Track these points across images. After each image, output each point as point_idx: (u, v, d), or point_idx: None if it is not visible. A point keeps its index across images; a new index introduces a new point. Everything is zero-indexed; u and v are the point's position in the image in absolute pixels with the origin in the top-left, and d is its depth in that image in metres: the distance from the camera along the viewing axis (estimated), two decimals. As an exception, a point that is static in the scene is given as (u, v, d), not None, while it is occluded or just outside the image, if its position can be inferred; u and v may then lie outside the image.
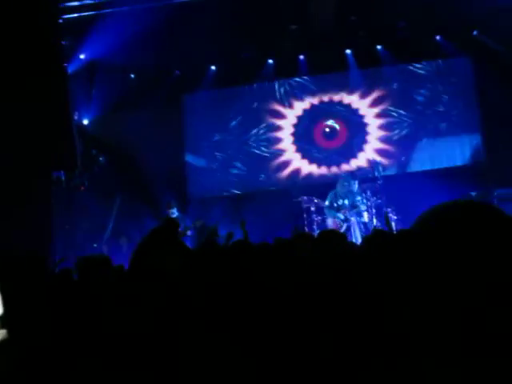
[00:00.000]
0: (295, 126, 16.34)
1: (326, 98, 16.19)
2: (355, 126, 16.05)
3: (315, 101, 16.24)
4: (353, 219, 12.95)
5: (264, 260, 3.84)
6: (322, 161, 16.07)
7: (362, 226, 12.92)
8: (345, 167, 15.61)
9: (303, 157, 16.16)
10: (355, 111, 16.11)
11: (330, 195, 13.19)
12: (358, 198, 13.05)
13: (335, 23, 14.63)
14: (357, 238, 12.34)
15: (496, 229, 1.23)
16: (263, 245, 4.49)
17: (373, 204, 13.10)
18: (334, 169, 15.76)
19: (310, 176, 15.76)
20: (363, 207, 12.89)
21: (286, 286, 3.16)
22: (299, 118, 16.34)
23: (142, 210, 14.30)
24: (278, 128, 16.28)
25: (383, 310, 2.62)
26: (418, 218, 1.34)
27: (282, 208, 14.35)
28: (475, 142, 15.64)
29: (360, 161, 15.45)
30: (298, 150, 16.23)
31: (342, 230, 12.79)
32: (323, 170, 15.94)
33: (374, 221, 12.98)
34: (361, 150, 15.86)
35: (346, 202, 13.02)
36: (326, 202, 13.15)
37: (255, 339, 2.53)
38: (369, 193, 13.21)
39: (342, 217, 12.93)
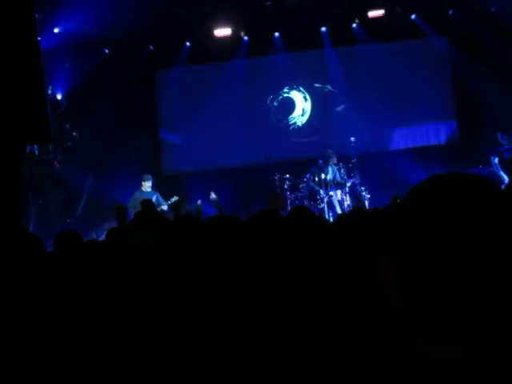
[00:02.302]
0: (269, 102, 16.43)
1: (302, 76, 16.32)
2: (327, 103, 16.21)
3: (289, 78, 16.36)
4: (333, 195, 13.02)
5: (238, 234, 3.86)
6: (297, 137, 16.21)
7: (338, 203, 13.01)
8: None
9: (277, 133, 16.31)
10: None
11: (312, 169, 13.22)
12: (338, 173, 13.14)
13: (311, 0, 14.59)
14: (337, 213, 12.42)
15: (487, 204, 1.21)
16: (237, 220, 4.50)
17: (347, 182, 13.18)
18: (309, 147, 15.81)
19: (283, 153, 15.77)
20: (348, 183, 12.97)
21: (261, 261, 3.18)
22: (272, 94, 16.47)
23: (115, 185, 14.26)
24: (253, 105, 16.32)
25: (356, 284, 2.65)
26: (407, 193, 1.30)
27: (255, 185, 14.37)
28: (449, 122, 15.76)
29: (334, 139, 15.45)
30: (272, 126, 16.35)
31: (323, 205, 12.87)
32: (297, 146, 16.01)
33: (348, 199, 13.06)
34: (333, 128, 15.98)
35: (329, 176, 13.08)
36: (308, 175, 13.18)
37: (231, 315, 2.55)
38: (343, 171, 13.28)
39: (322, 193, 12.98)
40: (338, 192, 13.13)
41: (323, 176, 13.07)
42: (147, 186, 12.92)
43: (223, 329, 2.46)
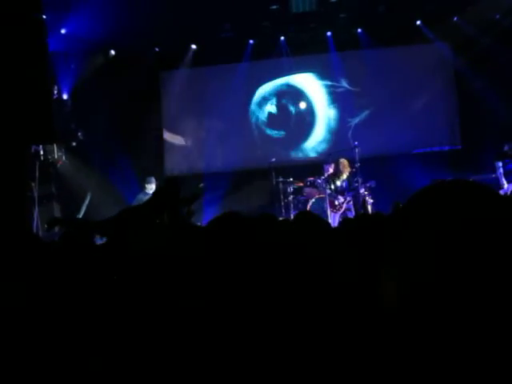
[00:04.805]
0: (273, 107, 16.50)
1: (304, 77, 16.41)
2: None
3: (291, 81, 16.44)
4: (351, 200, 13.02)
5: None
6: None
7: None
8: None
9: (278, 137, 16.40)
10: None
11: (328, 177, 13.19)
12: (353, 180, 13.13)
13: (316, 4, 14.62)
14: None
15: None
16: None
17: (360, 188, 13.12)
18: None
19: (286, 157, 15.80)
20: (361, 190, 12.92)
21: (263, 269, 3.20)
22: (275, 98, 16.53)
23: (119, 185, 14.31)
24: (257, 109, 16.41)
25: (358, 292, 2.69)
26: (409, 199, 1.29)
27: (259, 189, 14.41)
28: (452, 128, 15.77)
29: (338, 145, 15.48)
30: (274, 131, 16.41)
31: (341, 211, 12.86)
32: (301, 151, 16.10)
33: (351, 203, 13.07)
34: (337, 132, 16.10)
35: (344, 184, 13.09)
36: (324, 184, 13.15)
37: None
38: (357, 177, 13.28)
39: (341, 199, 12.97)
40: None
41: (338, 183, 13.07)
42: (150, 188, 12.96)
43: (225, 332, 2.49)
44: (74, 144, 14.97)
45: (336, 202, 12.93)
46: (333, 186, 13.08)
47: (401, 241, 1.24)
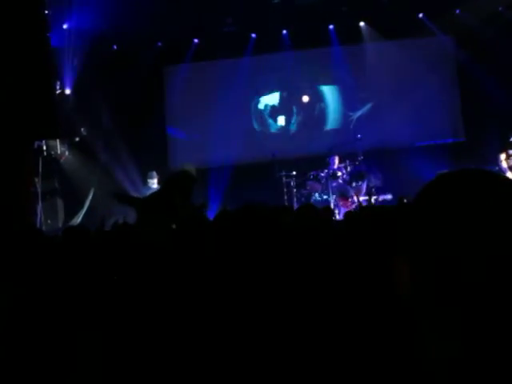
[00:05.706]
0: (276, 101, 16.49)
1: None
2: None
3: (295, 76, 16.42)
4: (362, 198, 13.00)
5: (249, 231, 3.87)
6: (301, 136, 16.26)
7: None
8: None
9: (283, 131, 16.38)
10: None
11: (350, 173, 13.18)
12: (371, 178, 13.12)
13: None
14: None
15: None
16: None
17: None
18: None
19: (289, 151, 15.78)
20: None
21: (270, 258, 3.20)
22: (280, 93, 16.52)
23: (123, 180, 14.32)
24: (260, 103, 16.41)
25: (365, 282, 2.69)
26: (420, 191, 1.27)
27: (262, 183, 14.39)
28: (455, 120, 15.75)
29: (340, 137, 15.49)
30: (277, 125, 16.40)
31: (352, 207, 12.84)
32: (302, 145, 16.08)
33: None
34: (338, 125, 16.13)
35: (364, 185, 13.07)
36: (346, 179, 13.13)
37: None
38: (349, 169, 13.27)
39: (356, 201, 12.94)
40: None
41: (360, 183, 13.06)
42: (152, 182, 12.97)
43: (228, 329, 2.49)
44: (77, 139, 14.96)
45: (349, 200, 12.90)
46: (354, 184, 13.05)
47: (415, 234, 1.22)
